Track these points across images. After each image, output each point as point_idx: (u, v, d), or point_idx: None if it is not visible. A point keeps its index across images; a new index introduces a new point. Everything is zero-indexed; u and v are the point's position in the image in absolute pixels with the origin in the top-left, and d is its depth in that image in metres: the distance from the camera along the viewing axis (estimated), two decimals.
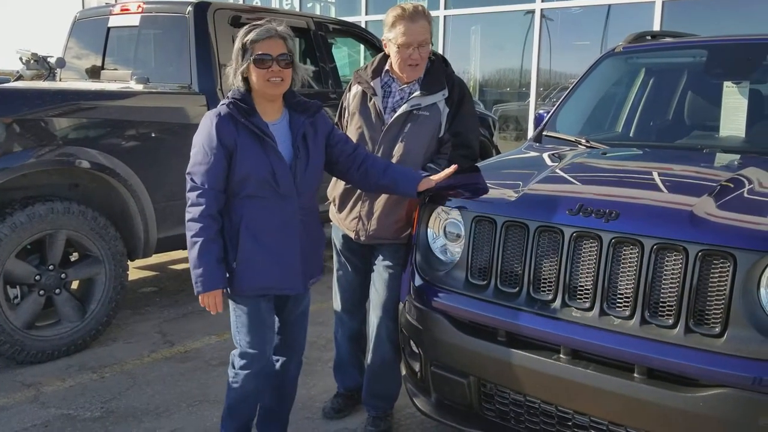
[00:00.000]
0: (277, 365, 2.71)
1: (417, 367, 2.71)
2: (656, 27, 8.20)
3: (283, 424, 2.79)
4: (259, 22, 2.39)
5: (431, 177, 2.60)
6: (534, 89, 9.67)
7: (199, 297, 2.37)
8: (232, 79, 2.41)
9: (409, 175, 2.63)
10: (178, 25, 4.53)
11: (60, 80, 5.39)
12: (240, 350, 2.52)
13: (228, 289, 2.44)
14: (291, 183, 2.41)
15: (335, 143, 2.60)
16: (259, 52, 2.33)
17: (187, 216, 2.37)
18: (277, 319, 2.66)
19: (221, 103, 2.41)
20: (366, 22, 11.56)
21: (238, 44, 2.37)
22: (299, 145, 2.45)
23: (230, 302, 2.51)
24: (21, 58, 5.51)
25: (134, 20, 4.86)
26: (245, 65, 2.35)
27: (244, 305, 2.48)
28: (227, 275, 2.41)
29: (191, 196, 2.36)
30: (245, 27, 2.40)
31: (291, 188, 2.41)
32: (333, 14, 12.47)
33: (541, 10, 9.50)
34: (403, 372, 2.89)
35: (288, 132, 2.47)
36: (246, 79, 2.40)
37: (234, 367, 2.55)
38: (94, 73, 5.15)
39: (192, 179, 2.36)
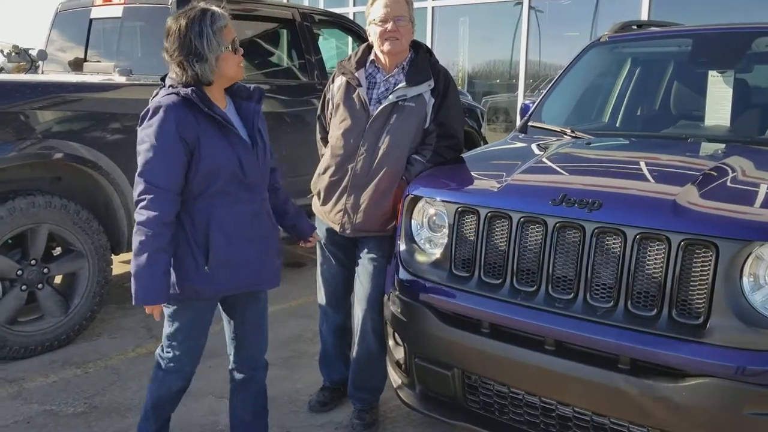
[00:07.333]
0: (245, 378, 2.50)
1: (402, 359, 2.70)
2: (644, 17, 8.20)
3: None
4: (203, 5, 2.17)
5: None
6: (522, 81, 9.66)
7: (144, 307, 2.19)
8: (203, 72, 2.15)
9: (306, 222, 2.67)
10: (160, 16, 4.46)
11: (42, 72, 5.32)
12: (173, 354, 2.35)
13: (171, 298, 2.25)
14: (258, 172, 2.27)
15: None
16: (232, 38, 2.19)
17: (138, 218, 2.12)
18: (232, 328, 2.47)
19: (169, 92, 2.16)
20: (354, 13, 11.49)
21: (208, 32, 2.12)
22: (256, 132, 2.30)
23: (173, 304, 2.29)
24: (2, 51, 5.44)
25: (117, 11, 4.80)
26: (219, 53, 2.15)
27: (190, 311, 2.30)
28: (194, 280, 2.21)
29: (143, 199, 2.11)
30: (197, 12, 2.14)
31: (258, 177, 2.28)
32: (321, 5, 12.40)
33: (530, 1, 9.47)
34: (388, 364, 2.88)
35: (238, 119, 2.30)
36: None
37: (162, 368, 2.40)
38: (76, 65, 5.09)
39: (146, 181, 2.11)
